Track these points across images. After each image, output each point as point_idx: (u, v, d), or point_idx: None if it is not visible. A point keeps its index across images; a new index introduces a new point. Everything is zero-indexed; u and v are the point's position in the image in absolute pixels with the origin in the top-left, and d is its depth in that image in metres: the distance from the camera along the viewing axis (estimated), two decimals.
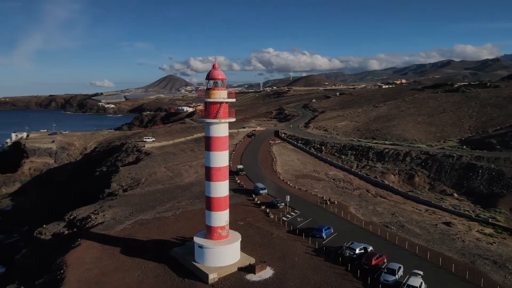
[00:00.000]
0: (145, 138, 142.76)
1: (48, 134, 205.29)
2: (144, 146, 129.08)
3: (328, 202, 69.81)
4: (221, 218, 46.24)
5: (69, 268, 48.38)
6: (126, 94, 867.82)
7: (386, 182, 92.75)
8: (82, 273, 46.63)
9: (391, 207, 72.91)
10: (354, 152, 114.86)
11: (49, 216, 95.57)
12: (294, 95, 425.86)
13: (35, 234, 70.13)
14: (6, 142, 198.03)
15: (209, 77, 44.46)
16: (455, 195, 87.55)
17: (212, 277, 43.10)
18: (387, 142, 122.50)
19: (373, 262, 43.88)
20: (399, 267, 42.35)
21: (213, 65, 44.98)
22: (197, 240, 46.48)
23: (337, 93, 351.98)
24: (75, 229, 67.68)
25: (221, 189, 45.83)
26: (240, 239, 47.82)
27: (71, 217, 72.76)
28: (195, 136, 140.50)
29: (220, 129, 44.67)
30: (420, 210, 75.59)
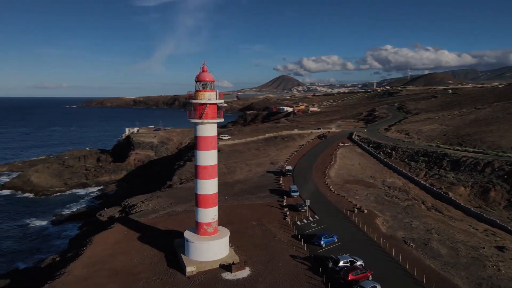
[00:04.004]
0: (221, 136, 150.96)
1: (153, 130, 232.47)
2: (217, 144, 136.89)
3: (356, 211, 65.39)
4: (206, 215, 48.11)
5: (90, 246, 55.99)
6: (238, 94, 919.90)
7: (450, 195, 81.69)
8: (97, 252, 53.52)
9: (435, 222, 64.56)
10: (426, 159, 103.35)
11: None
12: (404, 95, 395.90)
13: (96, 216, 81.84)
14: (121, 136, 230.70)
15: (197, 79, 46.62)
16: None
17: (190, 269, 45.33)
18: (470, 149, 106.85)
19: (350, 278, 40.58)
20: (374, 287, 38.37)
21: (201, 68, 47.00)
22: (186, 234, 49.25)
23: (449, 91, 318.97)
24: (123, 214, 76.95)
25: (206, 187, 47.68)
26: (226, 237, 48.98)
27: (126, 203, 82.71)
28: (266, 135, 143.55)
29: (206, 129, 46.51)
30: (476, 229, 65.33)
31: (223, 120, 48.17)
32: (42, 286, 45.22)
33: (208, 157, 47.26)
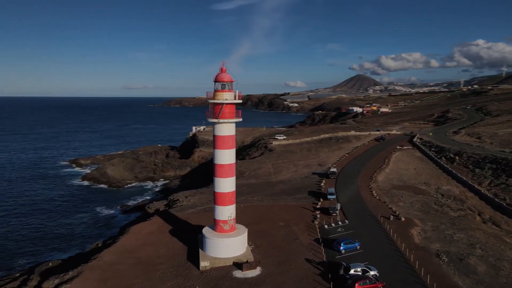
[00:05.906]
0: (277, 136, 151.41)
1: None
2: (271, 143, 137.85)
3: (392, 218, 61.35)
4: (223, 212, 49.04)
5: (127, 235, 60.36)
6: (310, 94, 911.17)
7: None
8: (130, 241, 57.50)
9: (484, 236, 58.05)
10: (493, 166, 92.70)
11: None
12: (492, 95, 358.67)
13: (145, 208, 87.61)
14: (189, 134, 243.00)
15: (216, 79, 47.73)
16: None
17: (204, 264, 46.70)
18: None
19: (356, 287, 38.49)
20: None
21: (220, 69, 48.03)
22: (204, 230, 50.75)
23: None
24: (167, 208, 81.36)
25: (223, 185, 48.59)
26: (243, 236, 49.38)
27: (172, 197, 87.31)
28: (321, 136, 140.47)
29: (222, 128, 47.41)
30: None
31: (240, 120, 48.60)
32: (75, 268, 50.04)
33: (225, 156, 48.10)
